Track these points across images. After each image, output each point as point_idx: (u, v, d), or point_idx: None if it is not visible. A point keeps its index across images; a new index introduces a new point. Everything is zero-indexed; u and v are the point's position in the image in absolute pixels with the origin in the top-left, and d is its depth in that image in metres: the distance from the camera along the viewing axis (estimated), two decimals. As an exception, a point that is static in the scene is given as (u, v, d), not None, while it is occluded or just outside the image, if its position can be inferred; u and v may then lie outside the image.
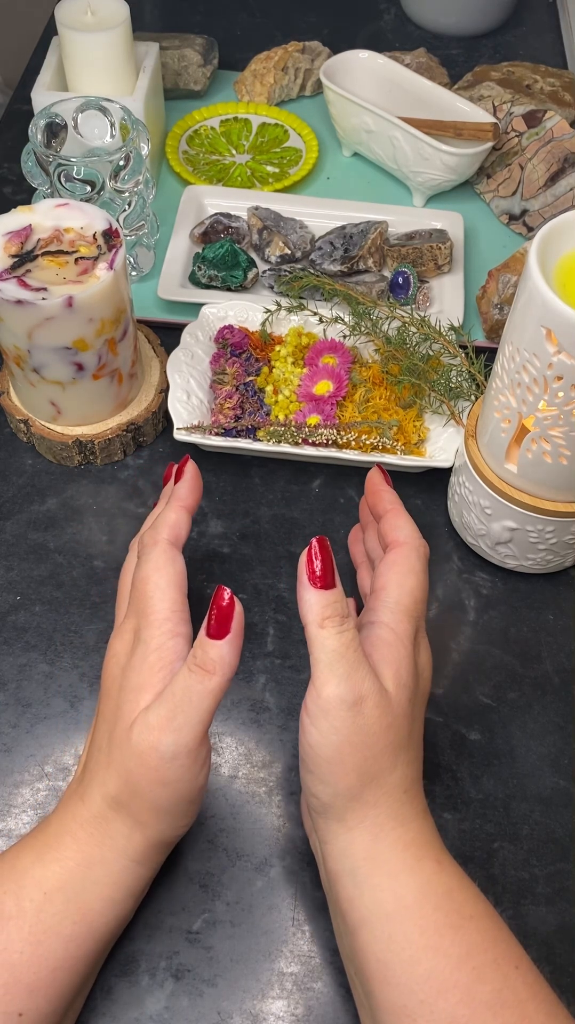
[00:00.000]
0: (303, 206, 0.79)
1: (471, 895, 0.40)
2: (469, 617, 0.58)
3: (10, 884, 0.39)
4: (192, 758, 0.39)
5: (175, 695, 0.39)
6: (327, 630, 0.40)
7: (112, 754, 0.40)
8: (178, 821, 0.41)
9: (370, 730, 0.39)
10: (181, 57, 0.88)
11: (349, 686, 0.39)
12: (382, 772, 0.40)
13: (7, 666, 0.55)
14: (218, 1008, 0.44)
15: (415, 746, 0.42)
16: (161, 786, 0.39)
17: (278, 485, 0.64)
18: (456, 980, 0.37)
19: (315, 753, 0.40)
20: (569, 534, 0.55)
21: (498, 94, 0.84)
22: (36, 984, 0.38)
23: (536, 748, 0.53)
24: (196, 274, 0.73)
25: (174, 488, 0.48)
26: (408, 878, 0.39)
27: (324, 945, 0.46)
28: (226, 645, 0.39)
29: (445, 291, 0.73)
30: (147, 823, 0.40)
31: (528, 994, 0.37)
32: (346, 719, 0.39)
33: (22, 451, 0.65)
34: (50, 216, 0.57)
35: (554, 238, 0.45)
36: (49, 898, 0.39)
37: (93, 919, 0.40)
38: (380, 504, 0.50)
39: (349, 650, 0.40)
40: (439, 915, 0.38)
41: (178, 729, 0.39)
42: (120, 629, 0.44)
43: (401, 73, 0.83)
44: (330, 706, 0.39)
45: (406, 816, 0.41)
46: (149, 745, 0.39)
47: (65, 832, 0.41)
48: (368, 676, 0.40)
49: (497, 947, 0.38)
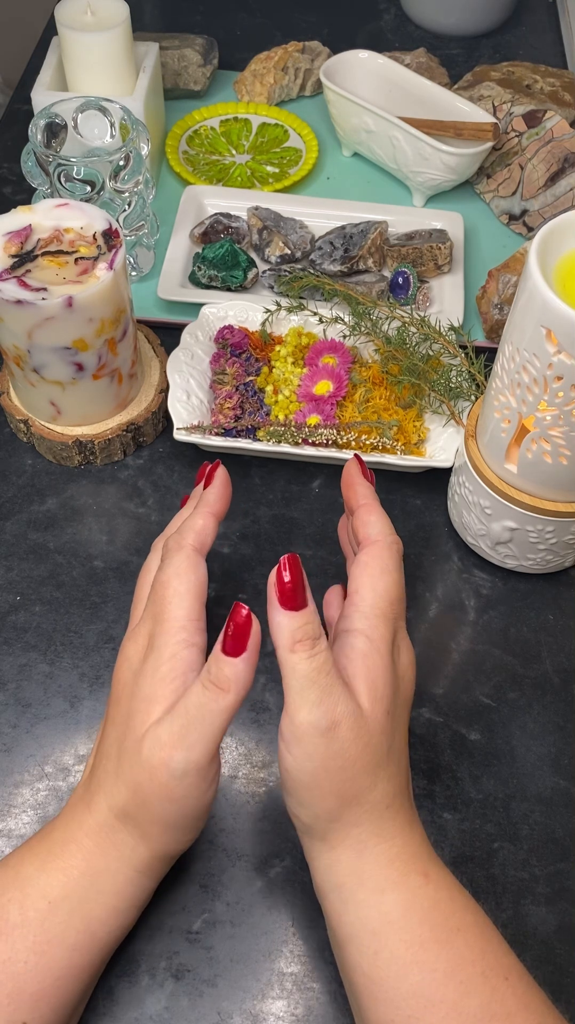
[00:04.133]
0: (303, 206, 0.79)
1: (459, 906, 0.39)
2: (469, 617, 0.58)
3: (14, 892, 0.39)
4: (202, 776, 0.39)
5: (188, 712, 0.38)
6: (298, 654, 0.39)
7: (121, 765, 0.40)
8: (184, 836, 0.41)
9: (346, 754, 0.39)
10: (181, 57, 0.88)
11: (322, 712, 0.38)
12: (361, 792, 0.39)
13: (7, 666, 0.55)
14: (218, 1008, 0.44)
15: (396, 759, 0.41)
16: (169, 802, 0.39)
17: (278, 485, 0.64)
18: (443, 995, 0.36)
19: (292, 778, 0.39)
20: (569, 534, 0.55)
21: (498, 94, 0.84)
22: (40, 993, 0.38)
23: (536, 748, 0.53)
24: (196, 274, 0.73)
25: (203, 493, 0.47)
26: (393, 893, 0.39)
27: (324, 945, 0.46)
28: (242, 663, 0.39)
29: (445, 291, 0.73)
30: (153, 837, 0.40)
31: (518, 1006, 0.37)
32: (320, 745, 0.38)
33: (22, 451, 0.65)
34: (50, 216, 0.57)
35: (554, 238, 0.45)
36: (54, 907, 0.39)
37: (97, 928, 0.39)
38: (354, 498, 0.47)
39: (320, 674, 0.39)
40: (425, 929, 0.38)
41: (190, 747, 0.38)
42: (134, 632, 0.43)
43: (401, 73, 0.83)
44: (303, 733, 0.38)
45: (390, 831, 0.40)
46: (160, 761, 0.38)
47: (70, 840, 0.40)
48: (342, 699, 0.39)
49: (486, 959, 0.37)
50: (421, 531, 0.62)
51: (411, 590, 0.59)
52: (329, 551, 0.60)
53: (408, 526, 0.62)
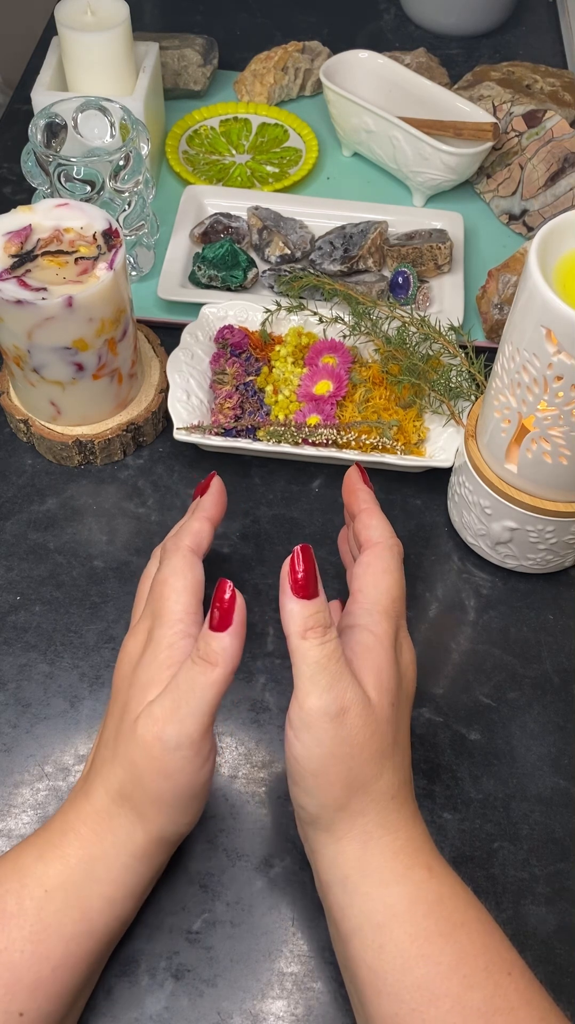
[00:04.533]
0: (303, 206, 0.79)
1: (462, 902, 0.39)
2: (469, 617, 0.58)
3: (12, 883, 0.39)
4: (195, 750, 0.39)
5: (179, 687, 0.40)
6: (309, 641, 0.40)
7: (117, 747, 0.41)
8: (180, 817, 0.41)
9: (354, 740, 0.39)
10: (181, 57, 0.88)
11: (332, 697, 0.39)
12: (368, 781, 0.40)
13: (7, 666, 0.55)
14: (218, 1008, 0.44)
15: (401, 751, 0.42)
16: (164, 777, 0.39)
17: (278, 485, 0.64)
18: (447, 989, 0.37)
19: (300, 766, 0.40)
20: (569, 534, 0.55)
21: (498, 94, 0.84)
22: (37, 983, 0.38)
23: (536, 748, 0.53)
24: (196, 274, 0.73)
25: (199, 500, 0.50)
26: (398, 887, 0.39)
27: (324, 945, 0.46)
28: (228, 637, 0.40)
29: (445, 291, 0.73)
30: (149, 817, 0.40)
31: (520, 1001, 0.37)
32: (329, 731, 0.39)
33: (22, 451, 0.65)
34: (50, 216, 0.57)
35: (554, 238, 0.45)
36: (50, 896, 0.39)
37: (93, 918, 0.40)
38: (355, 503, 0.50)
39: (331, 661, 0.40)
40: (429, 923, 0.38)
41: (181, 720, 0.39)
42: (134, 629, 0.45)
43: (401, 73, 0.83)
44: (313, 718, 0.39)
45: (395, 823, 0.40)
46: (153, 736, 0.39)
47: (68, 829, 0.41)
48: (351, 686, 0.40)
49: (488, 954, 0.38)
50: (421, 531, 0.62)
51: (411, 590, 0.59)
52: (329, 551, 0.60)
53: (408, 526, 0.62)
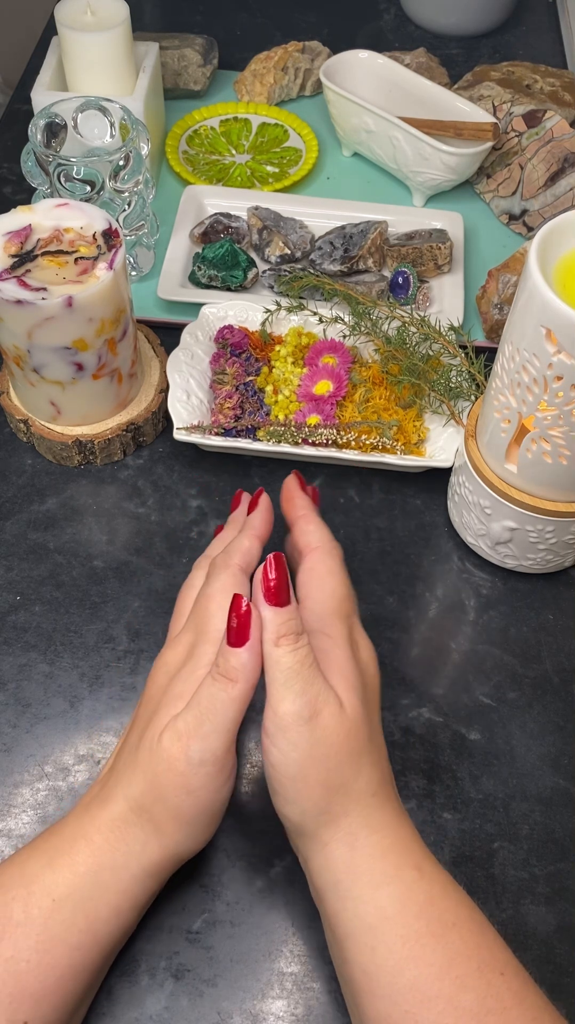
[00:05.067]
0: (303, 206, 0.79)
1: (454, 901, 0.39)
2: (469, 617, 0.58)
3: (18, 890, 0.39)
4: (219, 767, 0.40)
5: (200, 704, 0.40)
6: (282, 648, 0.40)
7: (139, 756, 0.41)
8: (197, 835, 0.41)
9: (329, 741, 0.40)
10: (181, 57, 0.88)
11: (305, 701, 0.40)
12: (347, 780, 0.40)
13: (7, 666, 0.55)
14: (218, 1008, 0.44)
15: (376, 748, 0.42)
16: (186, 793, 0.40)
17: (278, 485, 0.64)
18: (439, 990, 0.37)
19: (278, 772, 0.40)
20: (569, 534, 0.55)
21: (498, 94, 0.84)
22: (42, 993, 0.38)
23: (536, 748, 0.53)
24: (196, 274, 0.73)
25: (248, 518, 0.49)
26: (388, 888, 0.39)
27: (324, 945, 0.46)
28: (246, 652, 0.40)
29: (445, 291, 0.73)
30: (167, 832, 0.40)
31: (513, 1001, 0.37)
32: (304, 733, 0.39)
33: (22, 451, 0.65)
34: (50, 216, 0.57)
35: (554, 238, 0.45)
36: (58, 906, 0.39)
37: (99, 928, 0.39)
38: (293, 510, 0.51)
39: (303, 667, 0.40)
40: (421, 924, 0.38)
41: (205, 736, 0.39)
42: (175, 641, 0.45)
43: (401, 73, 0.83)
44: (287, 723, 0.39)
45: (379, 821, 0.40)
46: (179, 751, 0.39)
47: (80, 836, 0.40)
48: (323, 690, 0.40)
49: (481, 954, 0.38)
50: (421, 531, 0.62)
51: (411, 590, 0.59)
52: (329, 551, 0.60)
53: (408, 526, 0.62)
